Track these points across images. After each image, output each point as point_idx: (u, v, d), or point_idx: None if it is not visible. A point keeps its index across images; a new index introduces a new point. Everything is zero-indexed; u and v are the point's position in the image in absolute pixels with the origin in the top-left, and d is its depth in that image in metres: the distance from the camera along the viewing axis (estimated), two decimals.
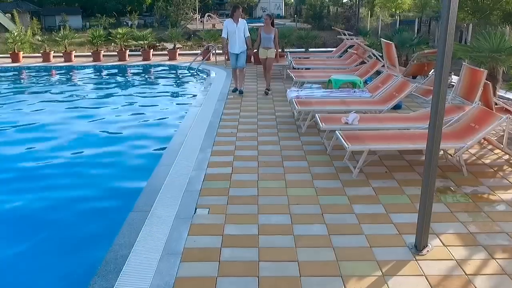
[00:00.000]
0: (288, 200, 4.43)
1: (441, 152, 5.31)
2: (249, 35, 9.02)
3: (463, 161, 5.03)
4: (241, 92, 9.19)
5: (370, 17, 30.05)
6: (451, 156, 5.43)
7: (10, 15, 25.06)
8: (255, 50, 10.05)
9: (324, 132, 6.15)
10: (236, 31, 8.81)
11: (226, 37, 8.93)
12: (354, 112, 5.84)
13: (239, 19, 8.85)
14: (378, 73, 9.00)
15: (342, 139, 4.95)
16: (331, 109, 6.65)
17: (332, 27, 19.28)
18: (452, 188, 4.69)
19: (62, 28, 20.00)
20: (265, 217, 4.10)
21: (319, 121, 5.70)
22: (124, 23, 41.47)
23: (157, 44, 20.97)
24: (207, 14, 36.88)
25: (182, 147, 5.98)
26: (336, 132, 5.22)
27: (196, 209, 4.26)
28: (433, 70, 9.06)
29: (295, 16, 41.22)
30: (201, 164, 5.39)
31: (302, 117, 7.01)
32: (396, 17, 35.93)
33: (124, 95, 10.85)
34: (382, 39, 7.50)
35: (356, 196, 4.52)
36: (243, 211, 4.22)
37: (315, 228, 3.91)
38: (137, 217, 4.14)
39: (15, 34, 14.90)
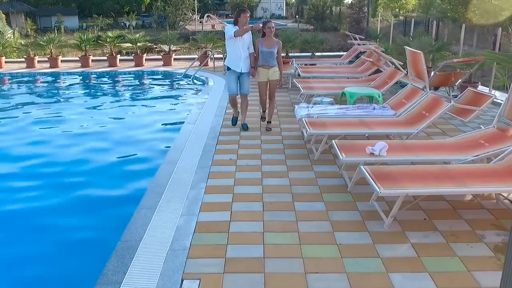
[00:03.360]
0: (304, 265, 3.36)
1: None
2: (253, 51, 6.56)
3: None
4: (245, 128, 6.77)
5: (373, 17, 29.01)
6: (504, 197, 4.36)
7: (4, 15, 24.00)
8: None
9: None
10: (240, 42, 6.36)
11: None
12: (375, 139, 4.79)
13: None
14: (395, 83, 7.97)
15: (371, 180, 3.88)
16: (349, 132, 5.59)
17: (341, 31, 18.24)
18: None
19: (56, 29, 18.98)
20: None
21: (338, 150, 4.63)
22: (122, 23, 40.57)
23: (154, 46, 19.92)
24: (206, 14, 35.94)
25: (170, 180, 4.91)
26: (361, 167, 4.15)
27: (182, 280, 3.20)
28: (460, 80, 8.00)
29: (297, 16, 40.20)
30: (192, 206, 4.33)
31: (314, 138, 5.95)
32: (400, 17, 34.95)
33: (107, 110, 9.49)
34: (406, 47, 6.42)
35: (393, 259, 3.45)
36: (244, 285, 3.15)
37: None
38: None
39: None
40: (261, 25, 6.30)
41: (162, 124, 8.11)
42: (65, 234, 4.38)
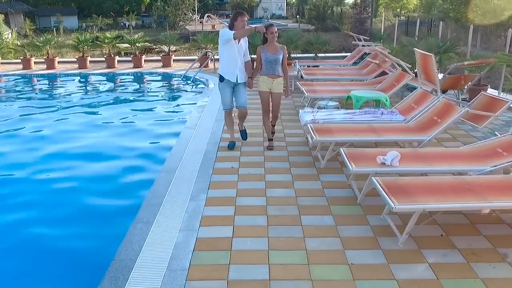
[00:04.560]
0: None
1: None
2: (250, 59, 5.82)
3: None
4: (244, 137, 6.08)
5: (375, 17, 28.76)
6: None
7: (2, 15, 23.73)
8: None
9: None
10: (236, 48, 5.51)
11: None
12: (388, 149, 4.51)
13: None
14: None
15: (384, 193, 3.60)
16: (356, 139, 5.31)
17: (345, 32, 17.95)
18: None
19: (55, 30, 18.71)
20: None
21: (347, 160, 4.35)
22: (122, 23, 40.29)
23: (153, 47, 19.67)
24: (206, 14, 35.67)
25: (168, 191, 4.63)
26: (373, 179, 3.87)
27: None
28: (469, 83, 7.72)
29: (298, 16, 39.92)
30: (191, 220, 4.05)
31: (320, 145, 5.66)
32: (401, 17, 34.73)
33: (102, 114, 9.11)
34: (416, 49, 6.14)
35: (409, 281, 3.16)
36: None
37: None
38: None
39: None
40: (264, 27, 5.50)
41: (160, 129, 7.77)
42: (52, 251, 4.05)
